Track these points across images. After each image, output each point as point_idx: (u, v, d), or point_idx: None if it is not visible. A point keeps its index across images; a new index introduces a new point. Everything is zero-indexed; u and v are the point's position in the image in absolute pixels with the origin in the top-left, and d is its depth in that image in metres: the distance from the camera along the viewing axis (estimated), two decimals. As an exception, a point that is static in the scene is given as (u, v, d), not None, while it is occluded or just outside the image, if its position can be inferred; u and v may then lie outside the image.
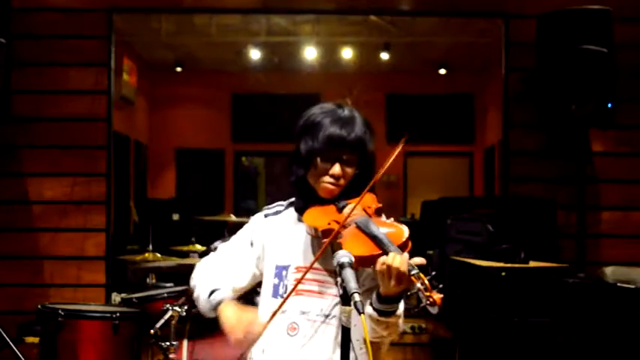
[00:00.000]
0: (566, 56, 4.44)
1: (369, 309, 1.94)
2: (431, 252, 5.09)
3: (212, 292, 2.12)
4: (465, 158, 10.30)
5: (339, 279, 1.82)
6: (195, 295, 2.21)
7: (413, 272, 1.82)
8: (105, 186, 5.04)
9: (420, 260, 1.86)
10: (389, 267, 1.83)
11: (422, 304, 1.78)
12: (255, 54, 8.60)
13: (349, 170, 2.11)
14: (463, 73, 9.65)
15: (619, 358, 3.37)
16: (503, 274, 3.66)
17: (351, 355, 1.83)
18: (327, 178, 2.10)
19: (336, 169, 2.09)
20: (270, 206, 2.29)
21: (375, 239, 1.93)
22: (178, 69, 9.69)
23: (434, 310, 1.78)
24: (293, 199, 2.25)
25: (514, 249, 3.84)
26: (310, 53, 8.62)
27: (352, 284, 1.74)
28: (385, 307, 1.91)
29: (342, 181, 2.11)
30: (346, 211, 2.04)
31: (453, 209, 4.98)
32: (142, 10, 5.62)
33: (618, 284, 3.55)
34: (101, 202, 5.04)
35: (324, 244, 1.97)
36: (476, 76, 9.61)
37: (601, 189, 5.08)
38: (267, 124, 10.06)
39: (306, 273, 2.00)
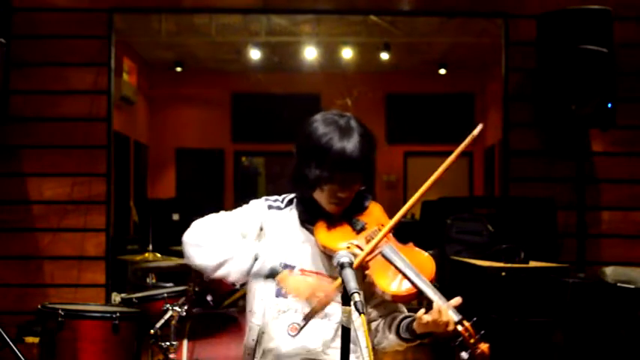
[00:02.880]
0: (566, 56, 4.44)
1: (393, 337, 2.02)
2: (431, 252, 5.08)
3: (256, 258, 2.03)
4: (465, 158, 10.30)
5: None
6: (216, 257, 2.03)
7: (457, 319, 1.85)
8: (105, 186, 5.04)
9: (457, 301, 1.90)
10: (436, 320, 1.87)
11: (468, 351, 1.80)
12: (255, 54, 8.60)
13: (355, 189, 2.11)
14: (463, 73, 9.65)
15: (619, 358, 3.37)
16: (503, 274, 3.66)
17: (351, 355, 1.83)
18: (333, 200, 2.09)
19: (346, 194, 2.08)
20: (270, 198, 2.24)
21: (409, 276, 1.94)
22: (178, 69, 9.69)
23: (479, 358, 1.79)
24: (291, 197, 2.23)
25: (514, 249, 3.83)
26: (310, 53, 8.62)
27: (352, 284, 1.74)
28: (414, 340, 1.99)
29: (347, 200, 2.11)
30: (369, 234, 2.04)
31: (452, 209, 4.98)
32: (142, 10, 5.62)
33: (618, 284, 3.55)
34: (101, 202, 5.04)
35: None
36: (476, 76, 9.61)
37: (601, 189, 5.08)
38: (267, 124, 10.06)
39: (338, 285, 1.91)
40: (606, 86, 4.42)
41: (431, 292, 1.89)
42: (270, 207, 2.21)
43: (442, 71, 9.57)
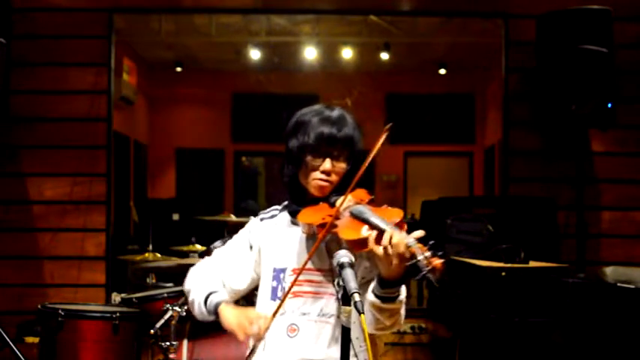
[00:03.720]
0: (566, 56, 4.44)
1: (370, 296, 1.92)
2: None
3: (209, 295, 2.12)
4: (464, 158, 10.29)
5: (337, 279, 1.81)
6: (190, 299, 2.21)
7: (410, 243, 1.80)
8: (105, 186, 5.05)
9: (419, 233, 1.84)
10: (386, 246, 1.83)
11: (422, 273, 1.75)
12: (255, 54, 8.59)
13: (340, 166, 2.12)
14: (463, 73, 9.64)
15: (619, 358, 3.37)
16: (503, 274, 3.66)
17: (351, 353, 1.83)
18: (318, 174, 2.11)
19: (327, 164, 2.10)
20: (266, 210, 2.29)
21: (369, 222, 1.93)
22: (178, 69, 9.67)
23: (434, 277, 1.75)
24: (287, 203, 2.26)
25: (514, 249, 3.83)
26: (310, 53, 8.61)
27: (352, 284, 1.74)
28: (388, 292, 1.90)
29: (333, 177, 2.11)
30: (338, 202, 2.05)
31: (452, 209, 4.98)
32: (142, 10, 5.62)
33: (618, 284, 3.55)
34: (101, 202, 5.04)
35: (319, 237, 1.97)
36: (476, 76, 9.60)
37: (601, 189, 5.08)
38: (267, 124, 10.04)
39: (301, 271, 2.00)
40: (606, 86, 4.43)
41: (389, 228, 1.86)
42: (262, 219, 2.27)
43: (442, 71, 9.55)
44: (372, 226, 1.91)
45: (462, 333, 4.12)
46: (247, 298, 2.36)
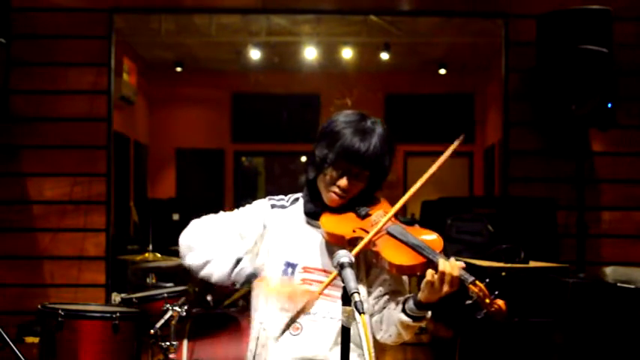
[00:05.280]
0: (566, 56, 4.44)
1: (402, 316, 1.98)
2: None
3: (239, 261, 2.01)
4: (464, 158, 10.30)
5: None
6: (202, 257, 2.05)
7: (470, 280, 1.85)
8: (105, 186, 5.05)
9: (461, 264, 1.90)
10: (443, 273, 1.87)
11: (484, 311, 1.80)
12: (255, 54, 8.59)
13: (357, 185, 2.10)
14: (463, 73, 9.64)
15: (619, 358, 3.37)
16: (503, 274, 3.66)
17: (351, 354, 1.83)
18: (333, 188, 2.09)
19: (343, 182, 2.08)
20: (274, 197, 2.25)
21: (416, 248, 1.95)
22: (178, 69, 9.68)
23: (500, 317, 1.79)
24: (297, 196, 2.24)
25: (514, 249, 3.83)
26: (310, 53, 8.61)
27: (352, 284, 1.74)
28: (420, 313, 1.96)
29: (348, 194, 2.10)
30: (374, 218, 2.06)
31: (452, 209, 4.98)
32: (142, 10, 5.62)
33: (618, 284, 3.55)
34: (101, 202, 5.04)
35: (355, 253, 1.94)
36: (476, 76, 9.61)
37: (601, 189, 5.08)
38: (267, 124, 10.06)
39: (329, 283, 1.97)
40: (606, 86, 4.43)
41: (439, 256, 1.90)
42: (273, 206, 2.22)
43: (442, 71, 9.56)
44: (420, 252, 1.94)
45: (462, 333, 4.12)
46: (248, 299, 2.35)
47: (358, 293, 1.71)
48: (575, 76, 4.42)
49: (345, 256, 1.83)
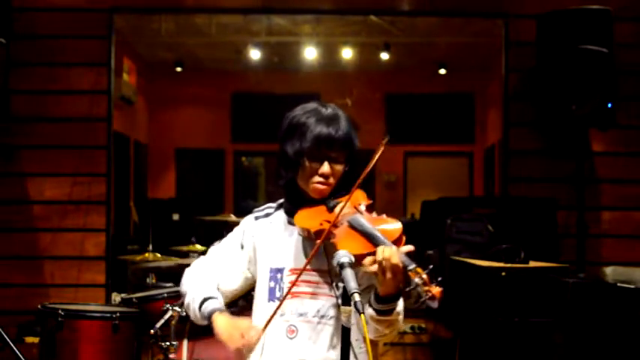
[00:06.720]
0: (566, 56, 4.44)
1: (368, 310, 1.92)
2: (431, 252, 5.09)
3: (204, 301, 2.09)
4: (464, 158, 10.30)
5: (335, 281, 1.81)
6: (185, 302, 2.18)
7: (410, 267, 1.79)
8: (105, 186, 5.05)
9: (408, 248, 1.85)
10: (381, 261, 1.81)
11: (421, 299, 1.75)
12: (255, 54, 8.59)
13: (338, 168, 2.10)
14: (463, 73, 9.64)
15: (619, 358, 3.37)
16: (503, 274, 3.66)
17: (351, 354, 1.83)
18: (316, 178, 2.08)
19: (325, 168, 2.07)
20: (260, 208, 2.26)
21: (368, 236, 1.92)
22: (178, 69, 9.68)
23: (434, 305, 1.75)
24: (282, 201, 2.24)
25: (514, 249, 3.83)
26: (310, 53, 8.62)
27: (352, 284, 1.74)
28: (384, 306, 1.90)
29: (331, 180, 2.09)
30: (337, 210, 2.03)
31: (452, 209, 4.98)
32: (142, 10, 5.62)
33: (618, 284, 3.55)
34: (101, 202, 5.04)
35: (317, 245, 1.96)
36: (476, 76, 9.60)
37: (601, 189, 5.08)
38: (267, 124, 9.98)
39: (300, 275, 1.99)
40: (606, 86, 4.43)
41: (387, 244, 1.85)
42: (257, 218, 2.24)
43: (442, 71, 9.56)
44: (371, 240, 1.90)
45: (462, 333, 4.13)
46: (247, 298, 2.35)
47: (359, 293, 1.71)
48: (575, 76, 4.42)
49: (345, 256, 1.83)
